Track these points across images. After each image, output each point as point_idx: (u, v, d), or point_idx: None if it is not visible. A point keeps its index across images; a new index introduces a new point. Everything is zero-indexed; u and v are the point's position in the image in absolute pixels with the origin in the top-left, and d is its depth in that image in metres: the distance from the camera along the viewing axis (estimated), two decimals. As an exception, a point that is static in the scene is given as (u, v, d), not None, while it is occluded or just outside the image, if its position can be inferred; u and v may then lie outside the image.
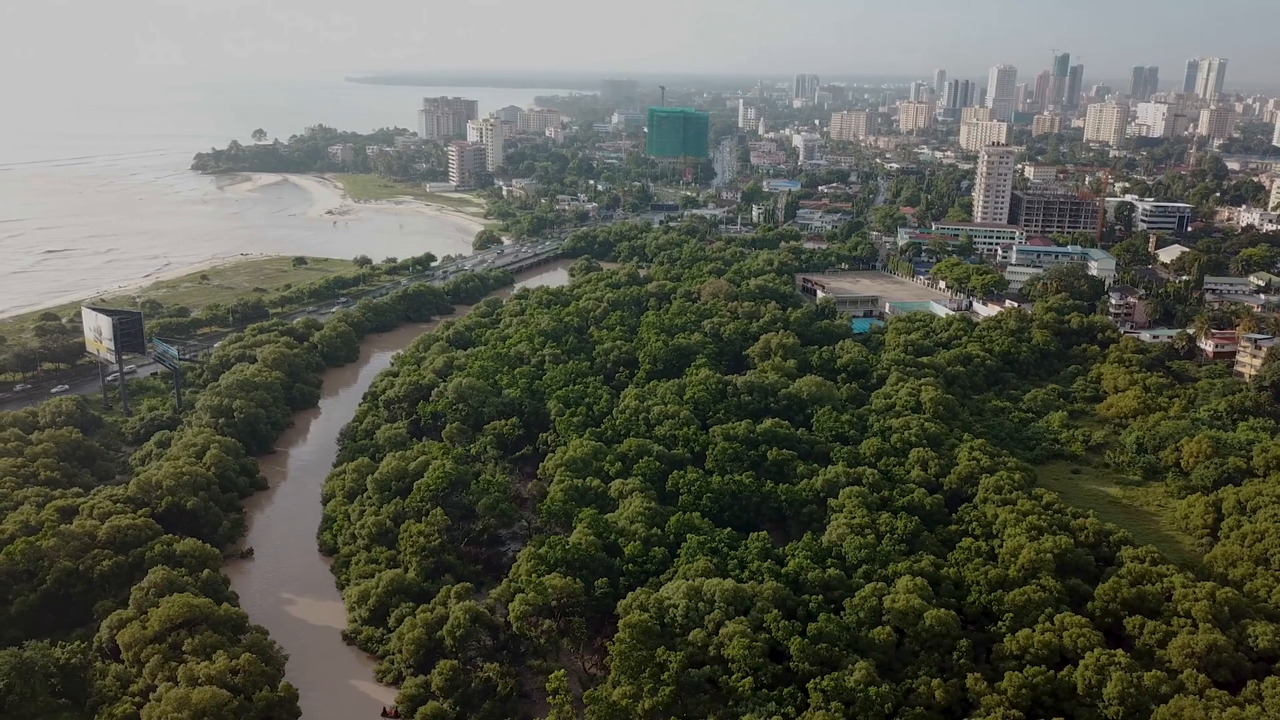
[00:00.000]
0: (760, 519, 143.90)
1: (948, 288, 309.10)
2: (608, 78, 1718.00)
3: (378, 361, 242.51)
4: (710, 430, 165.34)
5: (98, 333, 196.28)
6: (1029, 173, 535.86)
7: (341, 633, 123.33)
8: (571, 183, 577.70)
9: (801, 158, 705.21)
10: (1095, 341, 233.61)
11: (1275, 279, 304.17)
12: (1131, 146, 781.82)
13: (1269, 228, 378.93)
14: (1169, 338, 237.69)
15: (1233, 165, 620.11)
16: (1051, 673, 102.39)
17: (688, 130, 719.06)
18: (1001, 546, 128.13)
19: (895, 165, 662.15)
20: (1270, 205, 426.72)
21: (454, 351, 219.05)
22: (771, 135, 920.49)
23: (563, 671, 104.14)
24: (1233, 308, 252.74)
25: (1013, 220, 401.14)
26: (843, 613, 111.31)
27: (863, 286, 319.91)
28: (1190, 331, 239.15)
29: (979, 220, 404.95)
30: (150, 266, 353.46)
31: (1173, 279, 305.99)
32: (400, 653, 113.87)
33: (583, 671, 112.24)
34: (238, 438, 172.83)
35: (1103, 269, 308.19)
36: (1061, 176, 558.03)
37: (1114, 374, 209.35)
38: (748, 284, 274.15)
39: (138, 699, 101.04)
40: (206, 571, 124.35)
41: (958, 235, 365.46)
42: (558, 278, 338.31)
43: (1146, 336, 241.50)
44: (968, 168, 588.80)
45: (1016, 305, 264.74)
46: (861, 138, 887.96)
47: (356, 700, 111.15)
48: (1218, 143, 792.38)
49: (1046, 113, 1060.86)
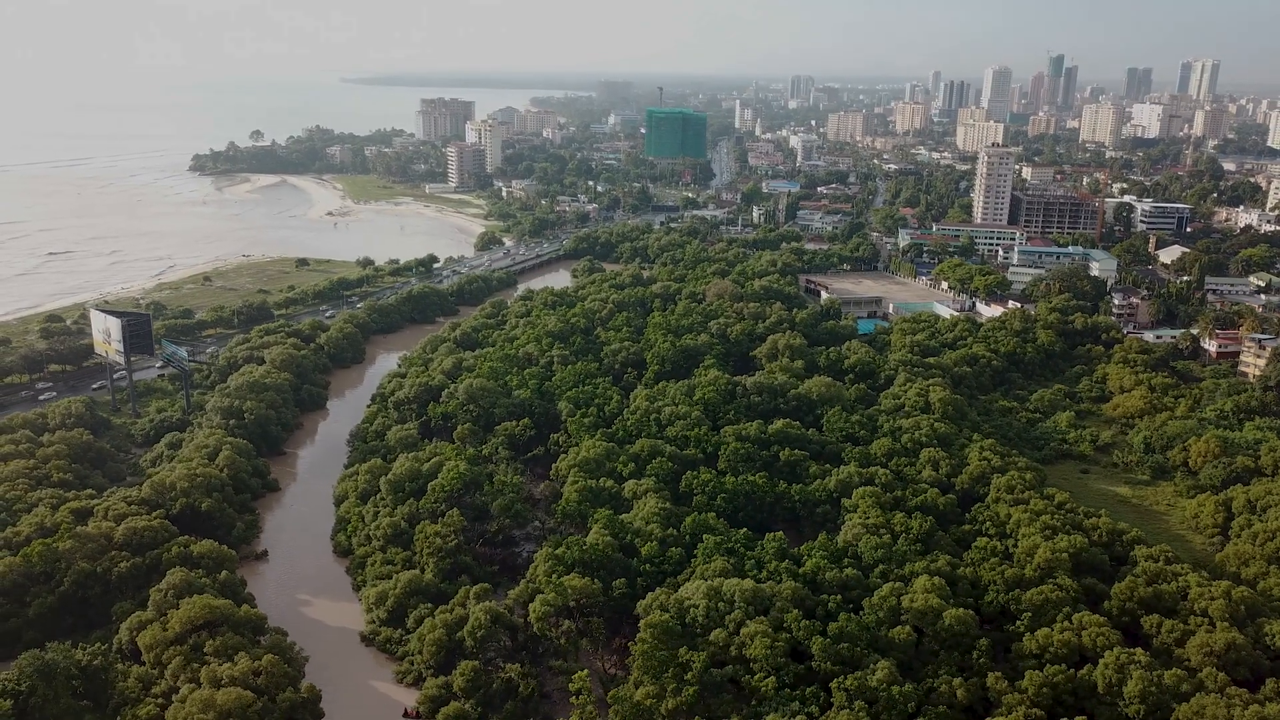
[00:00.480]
0: (774, 519, 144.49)
1: (950, 288, 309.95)
2: (604, 78, 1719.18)
3: (384, 363, 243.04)
4: (721, 431, 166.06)
5: (106, 334, 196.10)
6: (1027, 173, 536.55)
7: (359, 634, 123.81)
8: (571, 184, 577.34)
9: (800, 159, 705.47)
10: (1100, 342, 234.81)
11: (1275, 279, 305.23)
12: (1127, 147, 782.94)
13: (1268, 228, 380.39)
14: (1173, 338, 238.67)
15: (1229, 166, 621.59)
16: (1072, 671, 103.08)
17: (686, 131, 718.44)
18: (1016, 546, 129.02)
19: (893, 166, 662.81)
20: (1269, 206, 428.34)
21: (462, 353, 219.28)
22: (769, 136, 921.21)
23: (586, 672, 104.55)
24: (1235, 308, 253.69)
25: (1012, 221, 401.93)
26: (862, 612, 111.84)
27: (865, 287, 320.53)
28: (1194, 332, 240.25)
29: (979, 221, 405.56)
30: (155, 268, 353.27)
31: (1174, 279, 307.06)
32: (420, 653, 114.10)
33: (602, 672, 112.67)
34: (249, 439, 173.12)
35: (1104, 270, 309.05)
36: (1059, 177, 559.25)
37: (1119, 374, 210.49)
38: (752, 285, 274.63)
39: (161, 700, 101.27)
40: (224, 573, 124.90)
41: (959, 236, 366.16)
42: (560, 279, 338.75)
43: (1150, 337, 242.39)
44: (965, 168, 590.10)
45: (1020, 306, 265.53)
46: (858, 139, 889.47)
47: (377, 701, 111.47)
48: (1213, 143, 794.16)
49: (1042, 114, 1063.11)
